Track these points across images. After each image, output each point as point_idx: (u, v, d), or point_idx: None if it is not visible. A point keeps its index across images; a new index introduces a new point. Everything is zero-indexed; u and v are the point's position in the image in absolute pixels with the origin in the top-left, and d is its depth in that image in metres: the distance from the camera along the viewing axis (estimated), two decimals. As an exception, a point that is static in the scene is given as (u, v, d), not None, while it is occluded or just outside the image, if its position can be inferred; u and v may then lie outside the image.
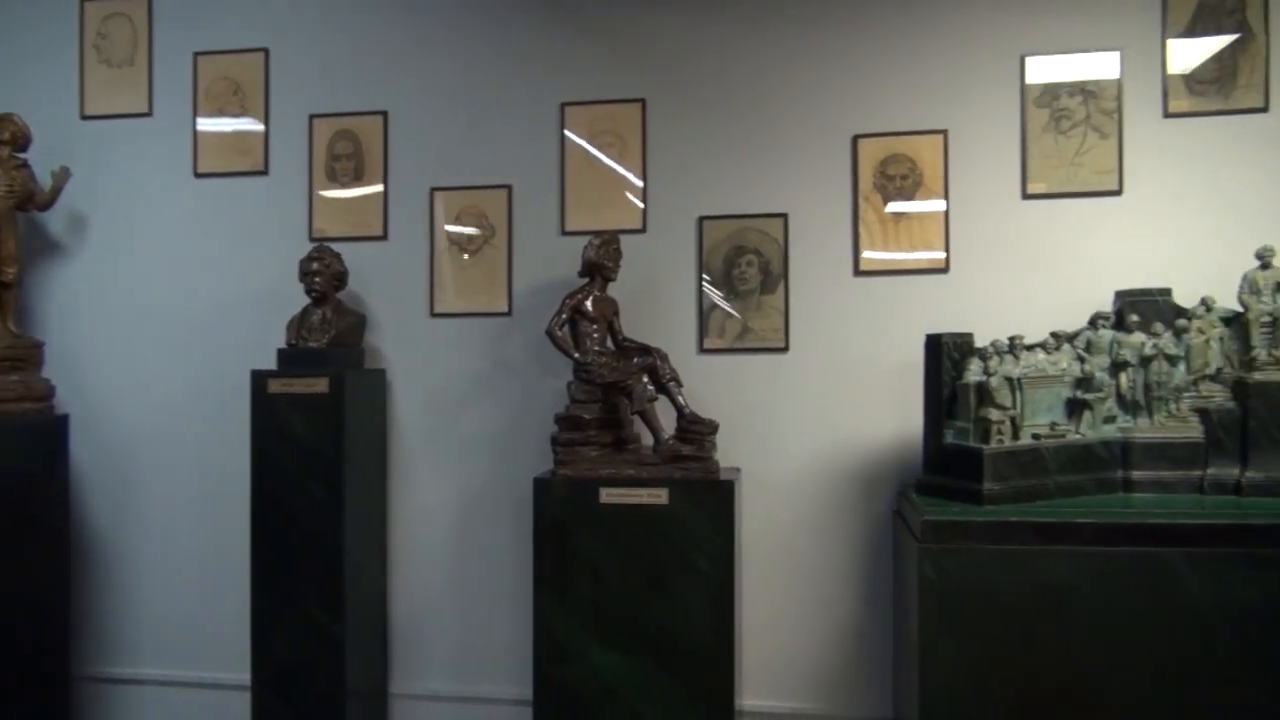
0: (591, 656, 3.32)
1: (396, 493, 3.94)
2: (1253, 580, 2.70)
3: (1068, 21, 3.49)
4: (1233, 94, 3.40)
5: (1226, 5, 3.40)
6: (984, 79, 3.55)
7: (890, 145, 3.59)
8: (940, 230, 3.57)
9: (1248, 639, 2.70)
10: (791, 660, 3.69)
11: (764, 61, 3.70)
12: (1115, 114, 3.46)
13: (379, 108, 3.94)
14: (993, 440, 2.98)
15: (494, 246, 3.87)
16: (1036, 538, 2.81)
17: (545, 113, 3.83)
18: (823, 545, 3.67)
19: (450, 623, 3.92)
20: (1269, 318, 3.03)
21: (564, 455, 3.42)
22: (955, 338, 3.16)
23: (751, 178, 3.70)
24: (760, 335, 3.69)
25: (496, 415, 3.87)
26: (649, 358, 3.46)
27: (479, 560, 3.88)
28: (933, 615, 2.84)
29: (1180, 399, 3.13)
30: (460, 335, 3.90)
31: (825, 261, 3.65)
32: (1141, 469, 3.11)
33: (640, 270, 3.75)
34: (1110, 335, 3.20)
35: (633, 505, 3.32)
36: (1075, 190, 3.49)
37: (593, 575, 3.33)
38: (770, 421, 3.70)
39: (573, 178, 3.80)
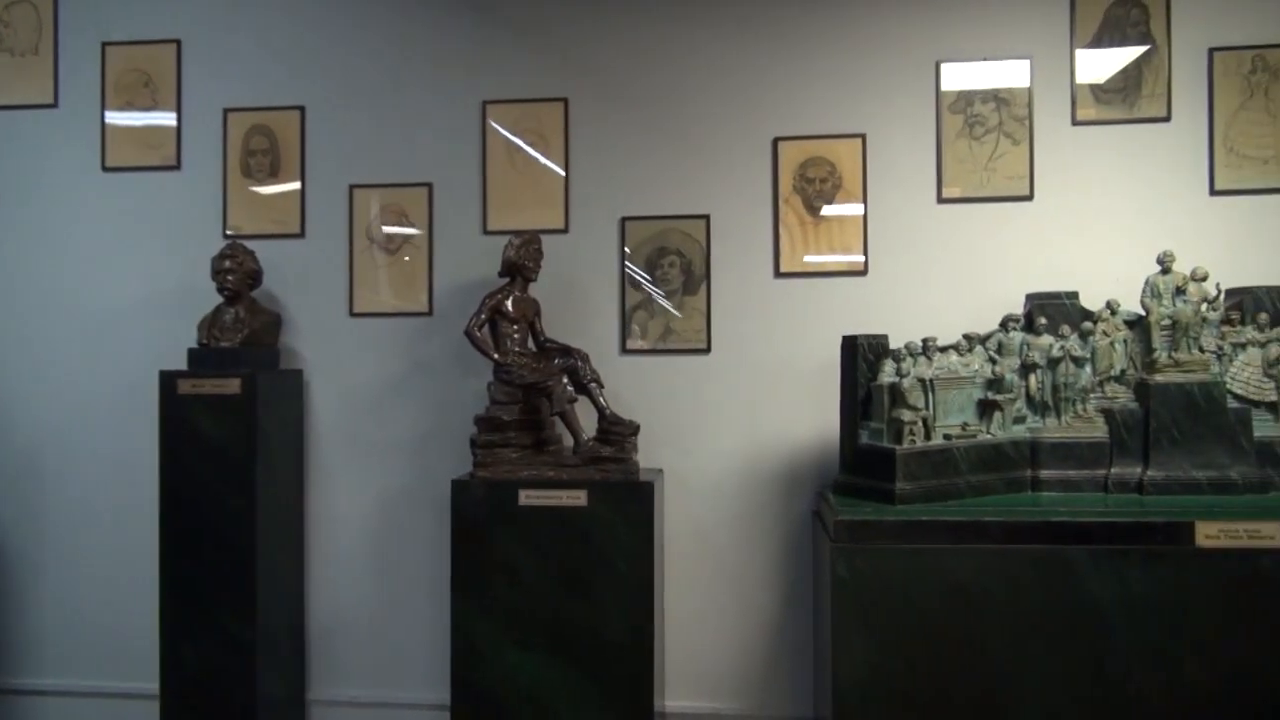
0: (509, 660, 3.29)
1: (314, 496, 3.86)
2: (1149, 576, 2.78)
3: (980, 29, 3.57)
4: (1138, 103, 3.50)
5: (1131, 17, 3.50)
6: (901, 84, 3.60)
7: (810, 148, 3.63)
8: (859, 233, 3.61)
9: (1144, 633, 2.78)
10: (714, 661, 3.70)
11: (686, 63, 3.70)
12: (1026, 121, 3.54)
13: (296, 102, 3.86)
14: (905, 441, 3.02)
15: (414, 245, 3.81)
16: (946, 537, 2.86)
17: (467, 111, 3.79)
18: (745, 545, 3.69)
19: (370, 627, 3.85)
20: (1169, 321, 3.13)
21: (483, 457, 3.39)
22: (870, 339, 3.20)
23: (674, 179, 3.71)
24: (682, 336, 3.70)
25: (417, 416, 3.82)
26: (570, 359, 3.44)
27: (399, 564, 3.82)
28: (845, 614, 2.87)
29: (1087, 400, 3.21)
30: (380, 335, 3.84)
31: (747, 263, 3.67)
32: (1049, 468, 3.18)
33: (563, 271, 3.73)
34: (1020, 337, 3.27)
35: (552, 507, 3.29)
36: (989, 195, 3.56)
37: (511, 578, 3.30)
38: (692, 422, 3.70)
39: (495, 177, 3.77)
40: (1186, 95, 3.49)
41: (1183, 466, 3.06)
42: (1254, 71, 3.44)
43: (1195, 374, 3.09)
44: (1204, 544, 2.78)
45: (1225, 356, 3.18)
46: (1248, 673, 2.75)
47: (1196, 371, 3.10)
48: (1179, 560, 2.78)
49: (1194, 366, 3.10)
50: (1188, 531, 2.79)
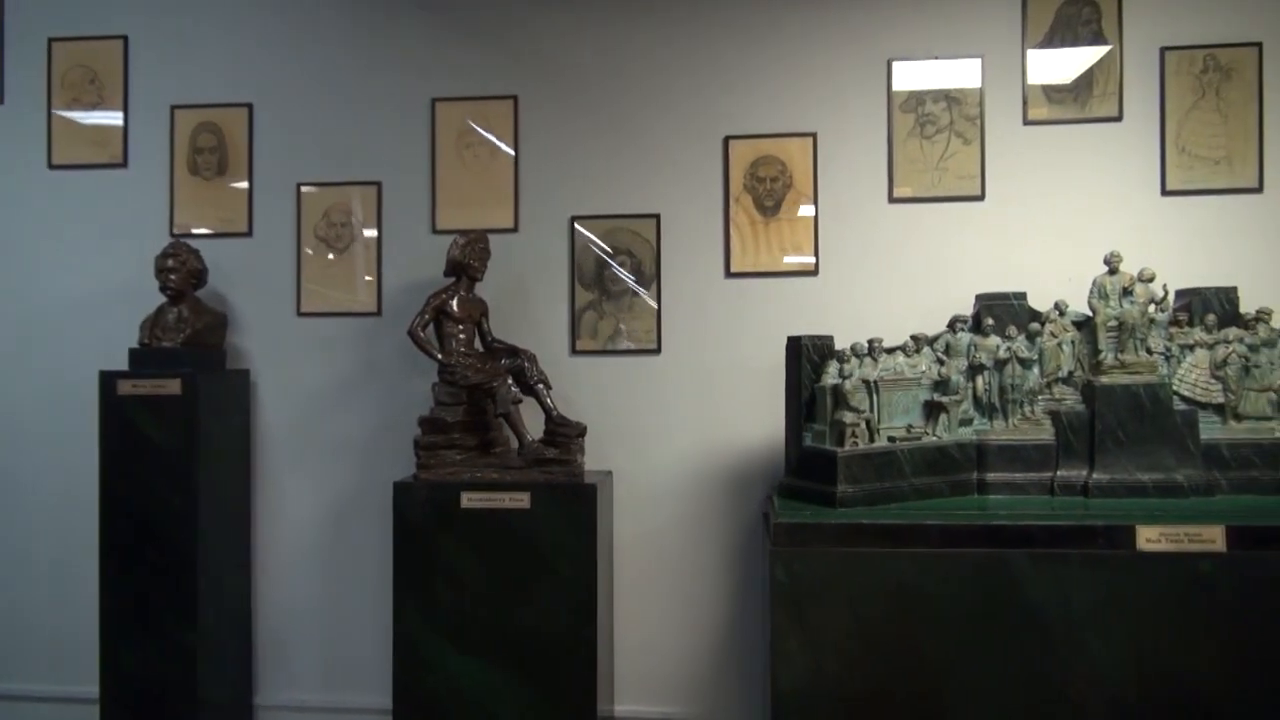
0: (451, 664, 3.25)
1: (261, 497, 3.82)
2: (1090, 580, 2.75)
3: (932, 28, 3.54)
4: (1089, 103, 3.47)
5: (1083, 15, 3.47)
6: (852, 83, 3.57)
7: (761, 147, 3.59)
8: (809, 233, 3.58)
9: (1085, 637, 2.75)
10: (665, 664, 3.67)
11: (637, 61, 3.67)
12: (978, 120, 3.51)
13: (243, 99, 3.82)
14: (847, 443, 2.98)
15: (364, 245, 3.77)
16: (886, 540, 2.82)
17: (416, 108, 3.75)
18: (695, 548, 3.66)
19: (318, 631, 3.81)
20: (1115, 322, 3.09)
21: (425, 458, 3.35)
22: (814, 340, 3.16)
23: (624, 178, 3.67)
24: (632, 337, 3.66)
25: (366, 417, 3.78)
26: (516, 359, 3.41)
27: (348, 566, 3.78)
28: (784, 618, 2.83)
29: (1034, 402, 3.18)
30: (328, 335, 3.79)
31: (697, 263, 3.64)
32: (995, 471, 3.14)
33: (512, 270, 3.69)
34: (968, 338, 3.23)
35: (494, 509, 3.26)
36: (940, 195, 3.53)
37: (453, 581, 3.27)
38: (643, 423, 3.67)
39: (444, 175, 3.73)
40: (1138, 95, 3.46)
41: (1128, 469, 3.03)
42: (1205, 71, 3.42)
43: (1141, 375, 3.06)
44: (1145, 548, 2.75)
45: (1173, 358, 3.14)
46: (1187, 677, 2.72)
47: (1143, 373, 3.06)
48: (1120, 564, 2.75)
49: (1140, 368, 3.07)
50: (1128, 535, 2.75)
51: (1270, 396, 3.08)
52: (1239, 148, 3.41)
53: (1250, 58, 3.40)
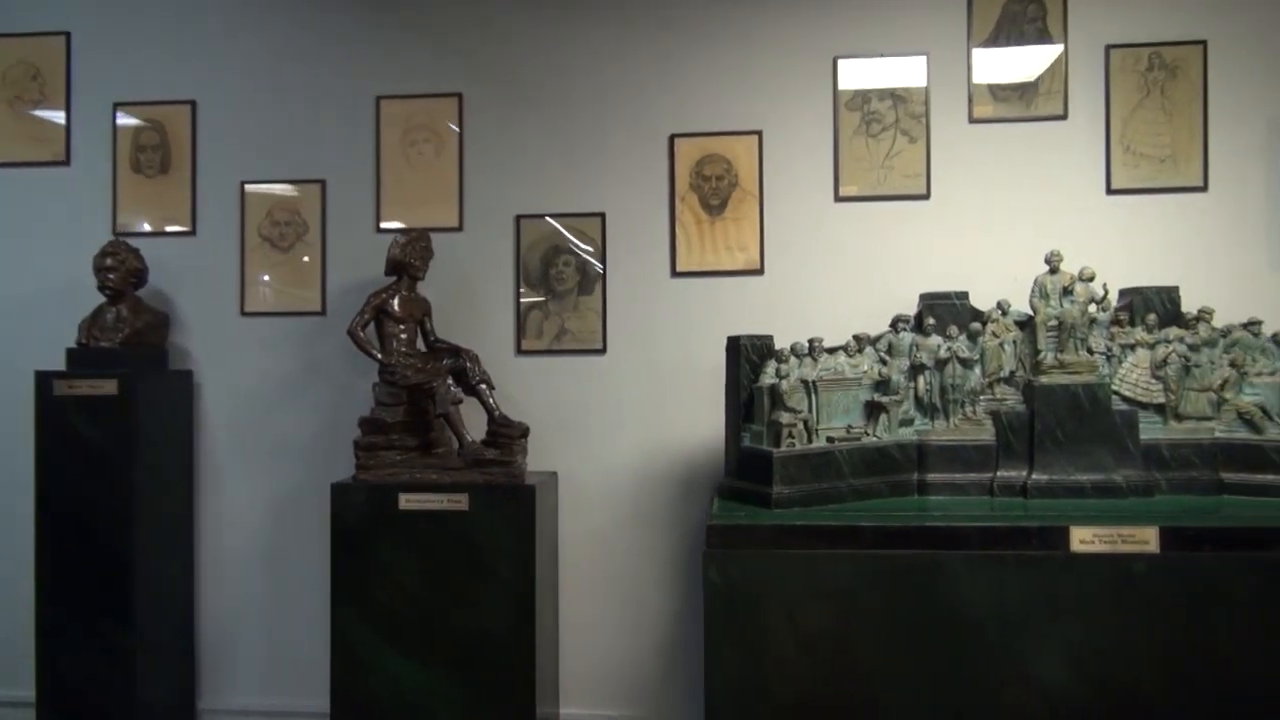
0: (389, 666, 3.22)
1: (205, 499, 3.78)
2: (1024, 581, 2.72)
3: (878, 25, 3.51)
4: (1034, 101, 3.45)
5: (1029, 13, 3.45)
6: (798, 81, 3.55)
7: (706, 145, 3.57)
8: (755, 232, 3.55)
9: (1019, 639, 2.72)
10: (609, 667, 3.64)
11: (582, 59, 3.64)
12: (923, 118, 3.49)
13: (186, 97, 3.78)
14: (784, 443, 2.96)
15: (307, 243, 3.73)
16: (819, 542, 2.79)
17: (360, 106, 3.71)
18: (641, 549, 3.63)
19: (262, 634, 3.77)
20: (1055, 321, 3.07)
21: (364, 459, 3.32)
22: (753, 340, 3.13)
23: (569, 176, 3.65)
24: (578, 337, 3.63)
25: (310, 418, 3.74)
26: (458, 359, 3.38)
27: (292, 568, 3.74)
28: (717, 621, 2.81)
29: (976, 402, 3.16)
30: (272, 335, 3.76)
31: (643, 262, 3.61)
32: (936, 472, 3.12)
33: (457, 270, 3.66)
34: (910, 338, 3.21)
35: (433, 511, 3.23)
36: (885, 193, 3.51)
37: (391, 583, 3.24)
38: (588, 424, 3.64)
39: (389, 173, 3.69)
40: (1084, 93, 3.44)
41: (1067, 470, 3.01)
42: (1151, 69, 3.40)
43: (1081, 375, 3.04)
44: (1079, 549, 2.73)
45: (1114, 358, 3.13)
46: (1122, 677, 2.70)
47: (1082, 373, 3.04)
48: (1054, 565, 2.72)
49: (1080, 368, 3.05)
50: (1062, 536, 2.73)
51: (1210, 396, 3.06)
52: (1184, 146, 3.39)
53: (1195, 56, 3.39)
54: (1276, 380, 3.03)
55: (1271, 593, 2.66)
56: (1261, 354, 3.07)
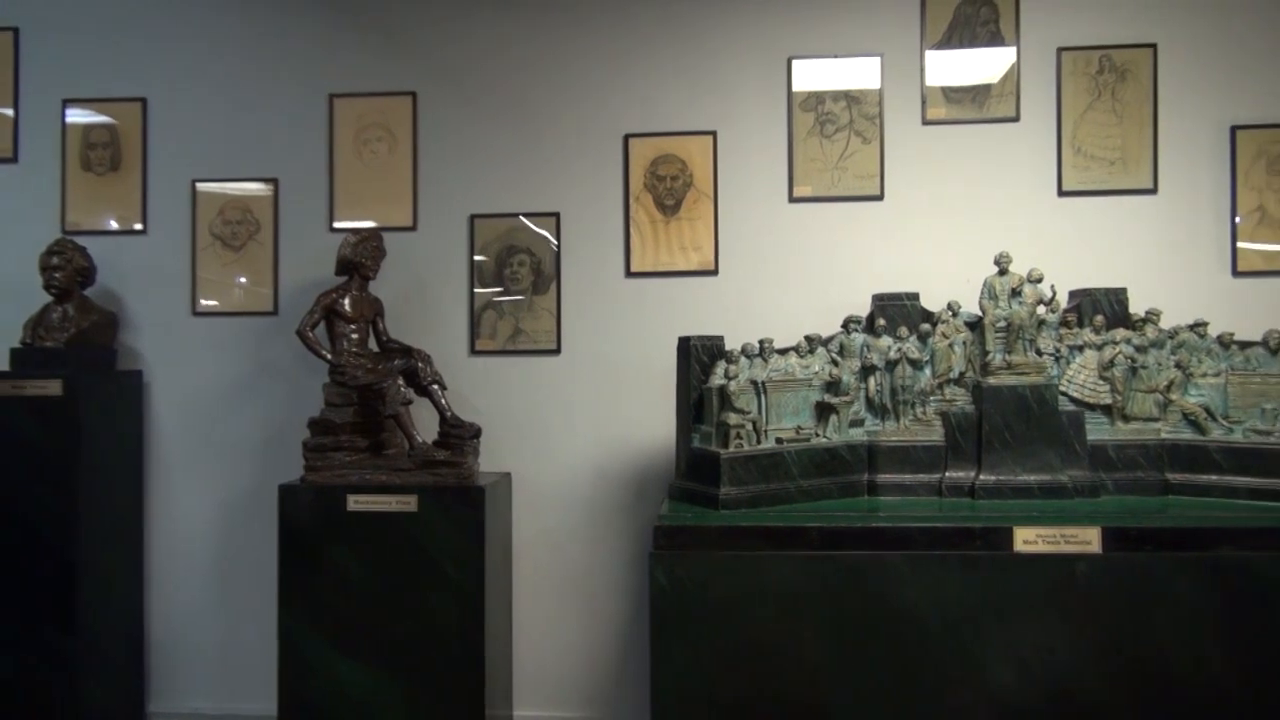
0: (337, 670, 3.20)
1: (155, 501, 3.73)
2: (968, 582, 2.73)
3: (831, 26, 3.52)
4: (987, 103, 3.46)
5: (981, 15, 3.46)
6: (752, 81, 3.55)
7: (661, 145, 3.56)
8: (710, 232, 3.55)
9: (962, 639, 2.73)
10: (563, 668, 3.62)
11: (537, 58, 3.62)
12: (877, 120, 3.49)
13: (137, 94, 3.73)
14: (731, 444, 2.95)
15: (259, 242, 3.70)
16: (766, 543, 2.79)
17: (313, 104, 3.68)
18: (595, 550, 3.62)
19: (214, 636, 3.73)
20: (1004, 323, 3.08)
21: (313, 460, 3.30)
22: (703, 340, 3.13)
23: (524, 175, 3.63)
24: (532, 337, 3.61)
25: (262, 419, 3.71)
26: (409, 360, 3.35)
27: (243, 571, 3.71)
28: (663, 622, 2.79)
29: (926, 403, 3.16)
30: (224, 335, 3.72)
31: (597, 262, 3.60)
32: (886, 473, 3.12)
33: (411, 269, 3.64)
34: (861, 339, 3.21)
35: (381, 512, 3.21)
36: (839, 194, 3.51)
37: (340, 586, 3.21)
38: (542, 424, 3.62)
39: (342, 172, 3.66)
40: (1036, 95, 3.46)
41: (1014, 470, 3.02)
42: (1101, 72, 3.42)
43: (1028, 377, 3.05)
44: (1022, 549, 2.74)
45: (1063, 359, 3.14)
46: (1064, 677, 2.71)
47: (1030, 374, 3.05)
48: (997, 565, 2.73)
49: (1028, 369, 3.06)
50: (1006, 537, 2.74)
51: (1156, 398, 3.08)
52: (1134, 149, 3.41)
53: (1145, 59, 3.41)
54: (1221, 381, 3.05)
55: (1211, 592, 2.68)
56: (1207, 355, 3.09)
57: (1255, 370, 3.00)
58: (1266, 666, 2.67)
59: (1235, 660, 2.68)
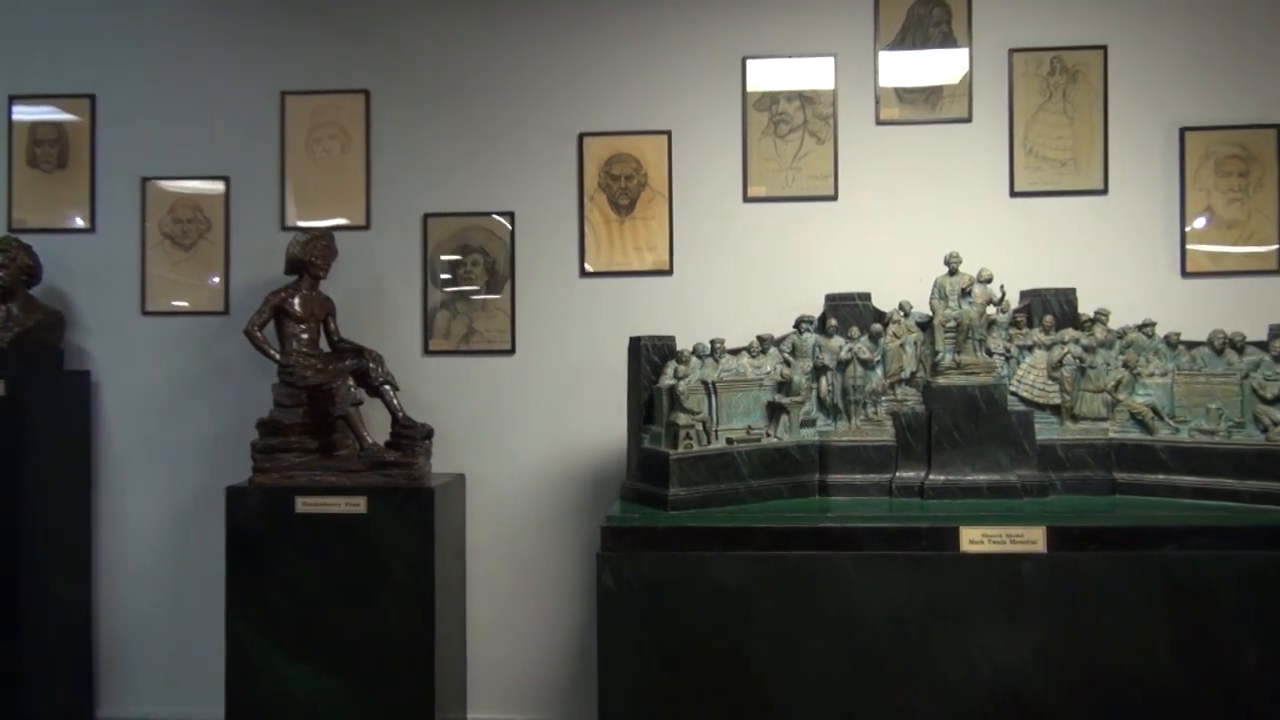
0: (285, 672, 3.17)
1: (104, 503, 3.68)
2: (915, 582, 2.73)
3: (786, 26, 3.52)
4: (939, 104, 3.47)
5: (934, 16, 3.47)
6: (707, 81, 3.54)
7: (615, 145, 3.55)
8: (664, 232, 3.54)
9: (910, 639, 2.73)
10: (517, 671, 3.60)
11: (491, 56, 3.60)
12: (831, 120, 3.49)
13: (85, 90, 3.68)
14: (681, 445, 2.94)
15: (210, 241, 3.66)
16: (713, 543, 2.78)
17: (265, 101, 3.64)
18: (549, 551, 3.60)
19: (164, 640, 3.69)
20: (953, 323, 3.09)
21: (261, 462, 3.26)
22: (654, 340, 3.12)
23: (478, 174, 3.61)
24: (486, 337, 3.59)
25: (213, 419, 3.67)
26: (360, 359, 3.32)
27: (193, 573, 3.66)
28: (611, 624, 2.78)
29: (878, 403, 3.16)
30: (174, 335, 3.68)
31: (551, 262, 3.59)
32: (837, 473, 3.12)
33: (364, 269, 3.61)
34: (813, 339, 3.21)
35: (330, 514, 3.18)
36: (793, 194, 3.52)
37: (288, 588, 3.18)
38: (497, 425, 3.60)
39: (294, 170, 3.63)
40: (988, 96, 3.47)
41: (963, 470, 3.02)
42: (1052, 73, 3.44)
43: (978, 377, 3.05)
44: (968, 549, 2.74)
45: (1013, 359, 3.15)
46: (1010, 676, 2.72)
47: (979, 374, 3.06)
48: (944, 565, 2.74)
49: (977, 369, 3.07)
50: (952, 537, 2.75)
51: (1105, 397, 3.09)
52: (1084, 150, 3.43)
53: (1095, 60, 3.43)
54: (1168, 381, 3.06)
55: (1154, 591, 2.70)
56: (1154, 355, 3.10)
57: (1201, 370, 3.02)
58: (1209, 664, 2.69)
59: (1178, 658, 2.70)
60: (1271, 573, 2.68)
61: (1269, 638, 2.68)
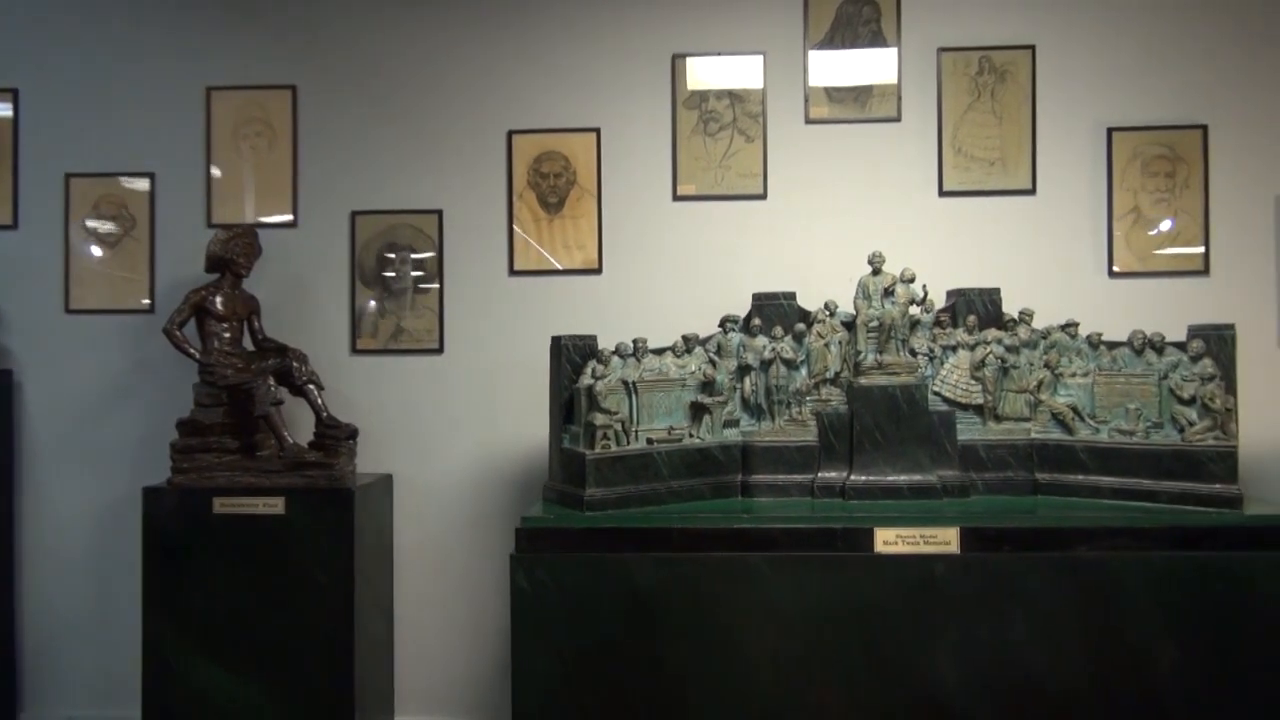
0: (202, 676, 3.13)
1: (26, 505, 3.63)
2: (829, 583, 2.72)
3: (716, 24, 3.50)
4: (869, 103, 3.46)
5: (863, 15, 3.46)
6: (636, 78, 3.52)
7: (544, 142, 3.52)
8: (593, 230, 3.52)
9: (825, 641, 2.72)
10: (447, 673, 3.57)
11: (420, 52, 3.57)
12: (760, 118, 3.47)
13: (7, 84, 3.63)
14: (598, 445, 2.91)
15: (135, 238, 3.61)
16: (627, 545, 2.76)
17: (190, 97, 3.59)
18: (479, 552, 3.57)
19: (89, 641, 3.63)
20: (876, 322, 3.07)
21: (180, 462, 3.22)
22: (575, 340, 3.09)
23: (406, 172, 3.58)
24: (414, 336, 3.56)
25: (138, 419, 3.61)
26: (283, 359, 3.28)
27: (117, 574, 3.60)
28: (524, 626, 2.76)
29: (803, 403, 3.15)
30: (99, 333, 3.63)
31: (480, 260, 3.56)
32: (760, 473, 3.11)
33: (291, 267, 3.56)
34: (738, 338, 3.19)
35: (248, 515, 3.14)
36: (723, 193, 3.50)
37: (205, 590, 3.14)
38: (425, 425, 3.57)
39: (220, 167, 3.58)
40: (917, 96, 3.46)
41: (884, 471, 3.01)
42: (981, 72, 3.43)
43: (899, 377, 3.04)
44: (883, 550, 2.74)
45: (937, 359, 3.14)
46: (923, 677, 2.71)
47: (901, 374, 3.05)
48: (858, 566, 2.73)
49: (899, 369, 3.05)
50: (867, 538, 2.74)
51: (1028, 398, 3.09)
52: (1013, 150, 3.43)
53: (1024, 60, 3.42)
54: (1089, 381, 3.06)
55: (1067, 592, 2.69)
56: (1077, 355, 3.10)
57: (1121, 370, 3.02)
58: (1122, 665, 2.69)
59: (1092, 659, 2.70)
60: (1184, 573, 2.69)
61: (1182, 638, 2.68)
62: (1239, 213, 3.41)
